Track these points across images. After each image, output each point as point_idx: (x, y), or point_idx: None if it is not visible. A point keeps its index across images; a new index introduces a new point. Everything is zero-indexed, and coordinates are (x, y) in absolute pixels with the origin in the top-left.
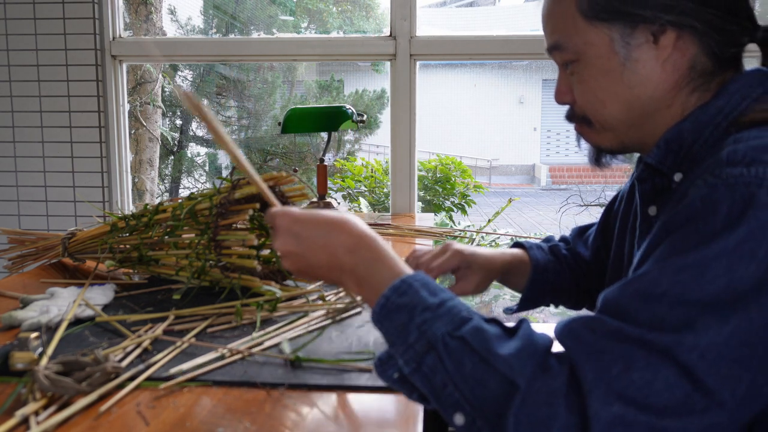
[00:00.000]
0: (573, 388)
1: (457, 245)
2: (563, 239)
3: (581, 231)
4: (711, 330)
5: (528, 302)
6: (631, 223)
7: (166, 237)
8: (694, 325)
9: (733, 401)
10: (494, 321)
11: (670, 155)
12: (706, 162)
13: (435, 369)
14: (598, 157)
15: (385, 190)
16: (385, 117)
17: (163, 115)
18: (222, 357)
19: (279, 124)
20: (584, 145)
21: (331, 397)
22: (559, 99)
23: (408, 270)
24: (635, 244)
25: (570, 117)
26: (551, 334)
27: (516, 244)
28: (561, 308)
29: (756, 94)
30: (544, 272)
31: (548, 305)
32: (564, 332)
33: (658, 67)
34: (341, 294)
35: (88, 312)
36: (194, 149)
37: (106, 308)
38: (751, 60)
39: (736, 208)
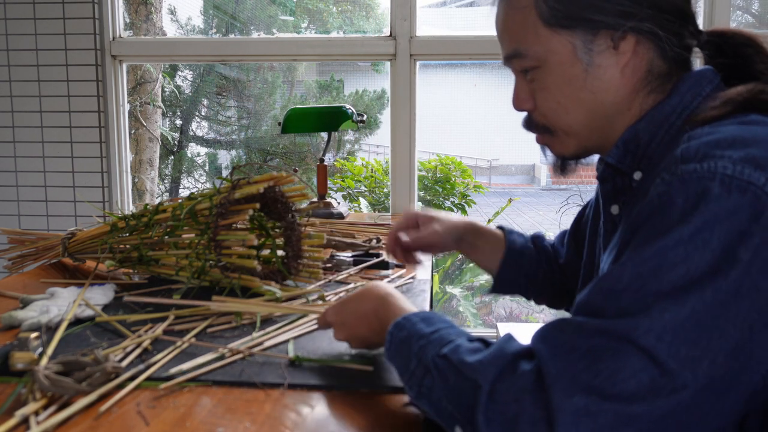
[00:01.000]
0: (539, 385)
1: (414, 211)
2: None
3: (563, 235)
4: (667, 313)
5: (504, 284)
6: (596, 224)
7: (166, 237)
8: (650, 311)
9: (695, 383)
10: (479, 339)
11: (629, 155)
12: (663, 160)
13: (431, 388)
14: (563, 166)
15: (385, 190)
16: (385, 117)
17: (163, 115)
18: (222, 357)
19: (279, 124)
20: (550, 155)
21: (331, 397)
22: (519, 106)
23: (414, 310)
24: (601, 245)
25: (527, 124)
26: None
27: (498, 227)
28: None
29: (706, 92)
30: (520, 256)
31: (527, 297)
32: (536, 336)
33: (618, 72)
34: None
35: (88, 312)
36: (194, 149)
37: (106, 308)
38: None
39: (690, 201)
